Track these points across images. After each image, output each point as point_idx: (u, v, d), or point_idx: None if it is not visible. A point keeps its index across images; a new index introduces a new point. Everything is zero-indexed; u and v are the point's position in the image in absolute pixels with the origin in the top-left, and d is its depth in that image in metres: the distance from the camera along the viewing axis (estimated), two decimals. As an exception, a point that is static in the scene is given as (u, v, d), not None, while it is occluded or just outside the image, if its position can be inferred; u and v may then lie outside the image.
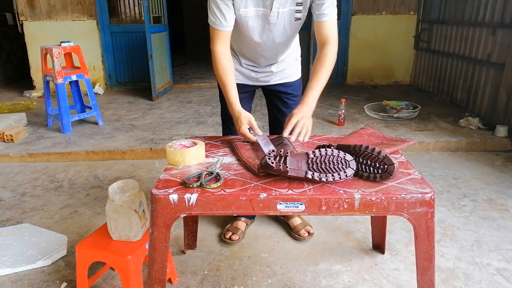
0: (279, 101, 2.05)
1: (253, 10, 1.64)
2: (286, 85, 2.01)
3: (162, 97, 5.27)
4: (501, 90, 3.67)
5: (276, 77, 1.98)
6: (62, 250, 2.02)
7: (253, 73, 1.95)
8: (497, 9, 3.83)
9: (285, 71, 1.98)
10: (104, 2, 5.50)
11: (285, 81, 2.00)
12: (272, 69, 1.94)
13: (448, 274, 1.85)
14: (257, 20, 1.67)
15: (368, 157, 1.31)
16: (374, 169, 1.29)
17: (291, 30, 1.75)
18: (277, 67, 1.95)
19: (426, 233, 1.26)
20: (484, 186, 2.74)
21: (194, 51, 10.45)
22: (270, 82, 1.99)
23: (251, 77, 1.96)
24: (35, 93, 5.34)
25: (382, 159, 1.28)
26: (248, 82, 1.98)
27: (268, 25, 1.69)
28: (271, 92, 2.05)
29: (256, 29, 1.71)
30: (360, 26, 5.68)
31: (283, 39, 1.78)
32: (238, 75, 1.95)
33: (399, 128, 3.78)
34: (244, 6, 1.62)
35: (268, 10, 1.63)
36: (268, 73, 1.95)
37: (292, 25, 1.72)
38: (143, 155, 3.34)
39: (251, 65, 1.93)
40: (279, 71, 1.96)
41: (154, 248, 1.34)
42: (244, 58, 1.92)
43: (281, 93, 2.02)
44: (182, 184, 1.30)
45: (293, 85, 2.03)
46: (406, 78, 5.92)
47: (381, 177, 1.28)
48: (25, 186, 2.84)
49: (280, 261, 1.96)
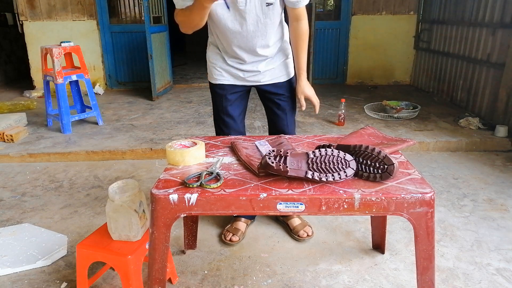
0: (271, 102, 2.04)
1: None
2: (276, 85, 1.99)
3: (162, 97, 5.27)
4: (501, 90, 3.67)
5: (266, 77, 1.96)
6: (62, 250, 2.02)
7: (240, 72, 1.93)
8: (497, 9, 3.83)
9: (274, 71, 1.96)
10: (104, 2, 5.50)
11: (276, 81, 1.98)
12: (259, 68, 1.92)
13: (448, 274, 1.85)
14: (225, 7, 1.69)
15: (368, 157, 1.31)
16: (374, 169, 1.29)
17: (264, 17, 1.74)
18: (265, 66, 1.92)
19: (426, 233, 1.27)
20: (484, 186, 2.74)
21: (194, 51, 10.44)
22: (260, 82, 1.97)
23: (238, 76, 1.95)
24: (35, 93, 5.34)
25: (382, 159, 1.28)
26: (237, 82, 1.97)
27: (238, 13, 1.70)
28: (262, 93, 2.05)
29: (228, 18, 1.72)
30: (360, 26, 5.68)
31: (258, 27, 1.77)
32: (225, 75, 1.95)
33: (399, 128, 3.78)
34: None
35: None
36: (255, 73, 1.93)
37: (264, 11, 1.72)
38: (143, 155, 3.34)
39: (236, 61, 1.91)
40: (268, 70, 1.94)
41: (154, 248, 1.34)
42: (227, 54, 1.91)
43: (272, 94, 2.01)
44: (182, 184, 1.30)
45: (283, 85, 2.00)
46: (406, 78, 5.92)
47: (381, 177, 1.28)
48: (25, 186, 2.84)
49: (280, 261, 1.96)
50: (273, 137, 1.72)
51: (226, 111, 2.01)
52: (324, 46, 5.79)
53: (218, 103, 2.03)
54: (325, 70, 5.94)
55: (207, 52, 2.02)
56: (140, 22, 5.69)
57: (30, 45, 5.48)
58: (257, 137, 1.74)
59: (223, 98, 1.99)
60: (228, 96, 1.99)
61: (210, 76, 2.02)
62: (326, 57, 5.87)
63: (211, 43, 1.99)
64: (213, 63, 1.97)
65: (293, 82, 2.05)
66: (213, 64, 1.98)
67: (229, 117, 2.02)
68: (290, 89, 2.03)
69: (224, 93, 1.99)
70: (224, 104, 2.00)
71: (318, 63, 5.78)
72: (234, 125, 2.03)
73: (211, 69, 2.00)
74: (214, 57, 1.97)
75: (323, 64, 5.89)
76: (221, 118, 2.03)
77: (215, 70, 1.97)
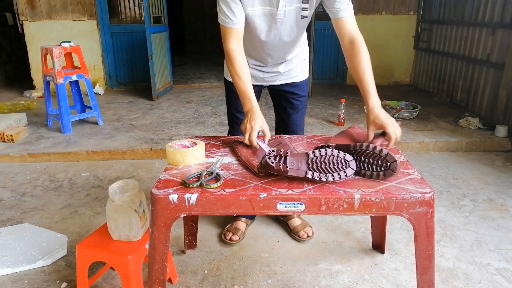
0: (285, 102, 2.04)
1: (260, 9, 1.63)
2: (293, 85, 2.00)
3: (162, 97, 5.27)
4: (501, 90, 3.67)
5: (283, 77, 1.96)
6: (62, 250, 2.02)
7: (260, 73, 1.94)
8: (497, 9, 3.83)
9: (293, 71, 1.97)
10: (104, 2, 5.50)
11: (292, 81, 1.98)
12: (279, 70, 1.92)
13: (448, 274, 1.85)
14: (263, 19, 1.66)
15: (370, 156, 1.32)
16: (377, 167, 1.30)
17: (297, 28, 1.74)
18: (285, 67, 1.93)
19: (426, 233, 1.27)
20: (484, 186, 2.74)
21: (194, 51, 10.45)
22: (276, 82, 1.98)
23: (258, 77, 1.94)
24: (35, 93, 5.34)
25: (385, 157, 1.29)
26: (255, 82, 1.96)
27: (275, 24, 1.68)
28: (277, 92, 2.04)
29: (263, 28, 1.70)
30: (360, 26, 5.56)
31: (290, 37, 1.77)
32: None
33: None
34: (251, 5, 1.61)
35: (274, 8, 1.62)
36: (275, 73, 1.94)
37: (298, 23, 1.72)
38: (143, 155, 3.34)
39: (258, 64, 1.92)
40: (286, 71, 1.95)
41: (154, 248, 1.34)
42: (251, 58, 1.90)
43: (288, 93, 2.01)
44: (182, 184, 1.30)
45: (300, 85, 2.01)
46: (406, 78, 5.92)
47: (384, 175, 1.29)
48: (25, 186, 2.84)
49: (280, 261, 1.96)
50: (273, 137, 1.72)
51: (241, 109, 2.01)
52: (324, 46, 5.79)
53: (233, 101, 2.01)
54: (325, 70, 5.94)
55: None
56: (140, 22, 5.68)
57: (30, 45, 5.48)
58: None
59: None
60: None
61: (228, 73, 1.99)
62: (326, 57, 5.86)
63: None
64: None
65: (307, 82, 2.07)
66: None
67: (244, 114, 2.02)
68: (305, 89, 2.06)
69: None
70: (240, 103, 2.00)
71: (318, 63, 5.78)
72: None
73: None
74: None
75: (323, 64, 5.89)
76: (235, 116, 2.04)
77: None
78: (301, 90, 2.03)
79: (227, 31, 1.63)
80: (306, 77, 2.05)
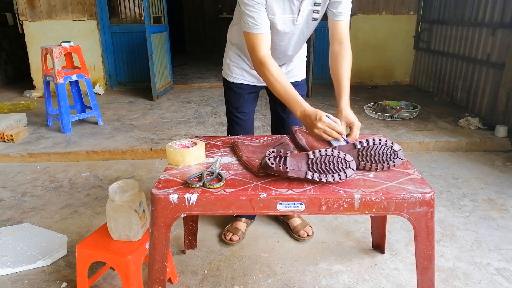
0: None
1: (281, 17, 1.63)
2: (293, 84, 1.99)
3: (162, 97, 5.27)
4: (501, 90, 3.67)
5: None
6: (62, 250, 2.02)
7: None
8: (497, 9, 3.83)
9: (293, 71, 1.99)
10: (104, 2, 5.50)
11: (292, 80, 1.97)
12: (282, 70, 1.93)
13: (448, 274, 1.85)
14: (282, 26, 1.67)
15: (371, 149, 1.35)
16: (381, 158, 1.35)
17: (307, 31, 1.75)
18: (286, 68, 1.95)
19: (426, 233, 1.27)
20: (484, 186, 2.74)
21: (194, 51, 10.45)
22: None
23: (259, 78, 1.94)
24: (35, 93, 5.34)
25: (391, 147, 1.35)
26: (256, 83, 1.97)
27: (292, 29, 1.69)
28: None
29: (280, 35, 1.70)
30: (360, 26, 5.68)
31: (299, 40, 1.78)
32: (246, 75, 1.95)
33: (398, 128, 3.78)
34: (272, 14, 1.61)
35: (295, 16, 1.63)
36: None
37: (309, 26, 1.72)
38: (143, 155, 3.34)
39: None
40: (287, 71, 1.96)
41: (154, 248, 1.34)
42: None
43: None
44: (182, 184, 1.30)
45: (299, 84, 2.01)
46: (406, 78, 5.92)
47: (394, 164, 1.35)
48: (25, 186, 2.84)
49: (280, 260, 1.96)
50: (274, 137, 1.72)
51: (242, 109, 2.02)
52: (324, 46, 5.78)
53: (233, 101, 2.02)
54: (325, 70, 5.93)
55: (228, 51, 1.99)
56: (140, 22, 5.68)
57: (30, 45, 5.47)
58: (258, 137, 1.74)
59: (239, 97, 2.00)
60: (245, 95, 2.00)
61: (228, 73, 1.99)
62: (326, 57, 5.76)
63: (235, 45, 1.94)
64: (235, 62, 1.95)
65: (305, 82, 2.08)
66: (235, 63, 1.95)
67: (244, 114, 2.03)
68: (304, 88, 2.06)
69: (242, 92, 1.99)
70: (240, 103, 2.01)
71: (318, 63, 5.77)
72: (246, 123, 2.06)
73: (232, 68, 1.96)
74: (237, 58, 1.95)
75: (323, 64, 5.88)
76: (235, 116, 2.04)
77: (236, 69, 1.95)
78: (301, 89, 2.03)
79: (255, 37, 1.58)
80: (304, 77, 2.07)
